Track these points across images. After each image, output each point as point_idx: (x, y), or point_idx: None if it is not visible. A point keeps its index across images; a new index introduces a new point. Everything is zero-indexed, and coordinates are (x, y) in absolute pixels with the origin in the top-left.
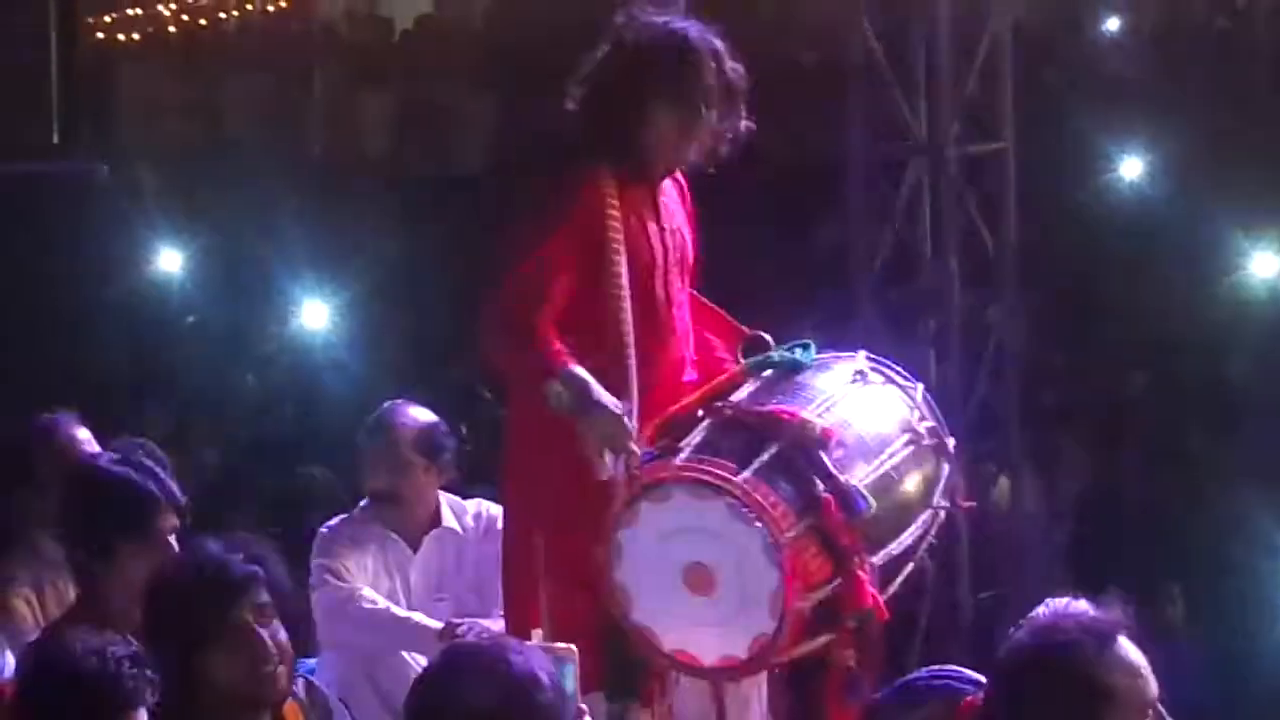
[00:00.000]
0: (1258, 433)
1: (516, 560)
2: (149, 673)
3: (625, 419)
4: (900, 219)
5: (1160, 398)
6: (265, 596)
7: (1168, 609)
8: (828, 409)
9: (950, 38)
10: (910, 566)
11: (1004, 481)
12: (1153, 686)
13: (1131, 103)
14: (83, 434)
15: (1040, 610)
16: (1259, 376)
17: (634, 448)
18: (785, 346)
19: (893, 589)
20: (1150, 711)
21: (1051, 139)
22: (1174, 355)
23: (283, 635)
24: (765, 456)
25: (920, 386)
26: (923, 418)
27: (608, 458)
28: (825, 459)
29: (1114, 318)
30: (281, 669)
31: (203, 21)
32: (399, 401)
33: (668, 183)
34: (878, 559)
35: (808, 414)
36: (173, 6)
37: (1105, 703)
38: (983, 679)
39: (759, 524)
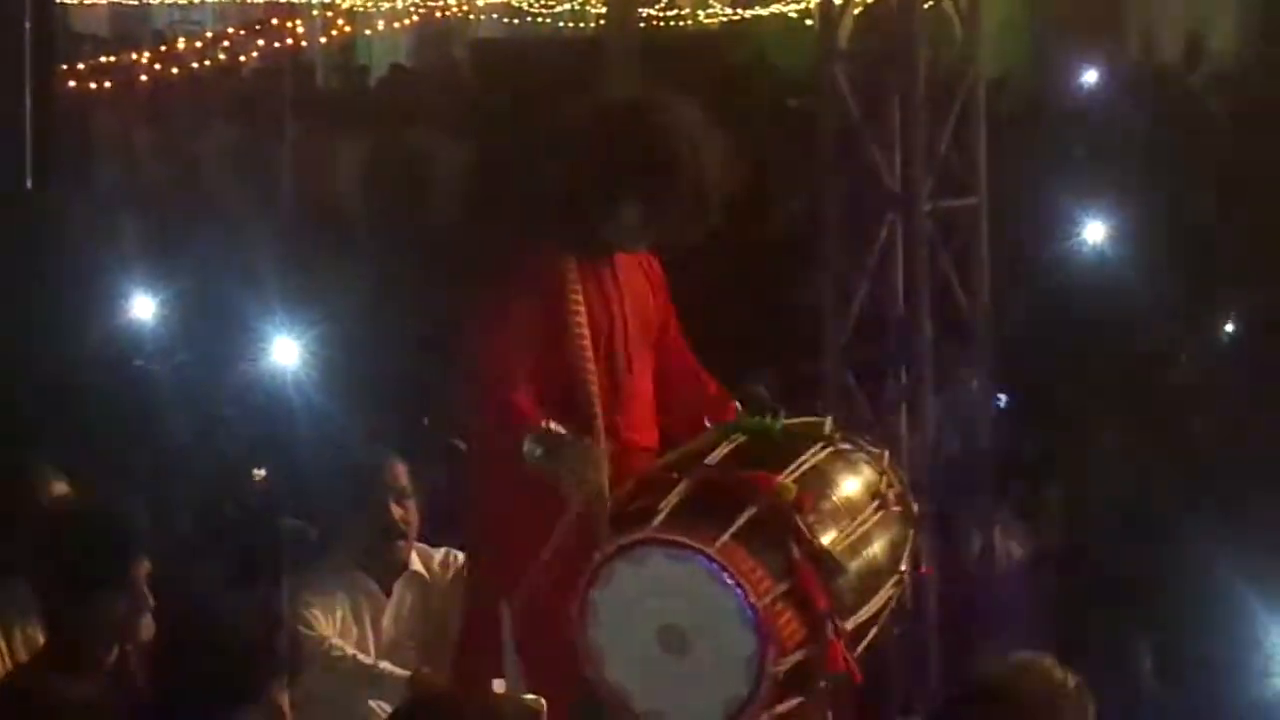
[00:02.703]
0: (1228, 491)
1: (478, 626)
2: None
3: (598, 455)
4: (872, 273)
5: (1131, 455)
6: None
7: (1137, 666)
8: (802, 474)
9: (926, 91)
10: (874, 631)
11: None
12: None
13: (1103, 162)
14: (59, 488)
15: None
16: (1227, 436)
17: (604, 484)
18: (756, 413)
19: (857, 652)
20: None
21: (1022, 195)
22: (1144, 412)
23: None
24: (742, 520)
25: (886, 453)
26: (890, 484)
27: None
28: (800, 523)
29: (1086, 374)
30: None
31: (175, 70)
32: (374, 447)
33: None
34: (849, 624)
35: (782, 478)
36: (146, 55)
37: None
38: None
39: (736, 589)
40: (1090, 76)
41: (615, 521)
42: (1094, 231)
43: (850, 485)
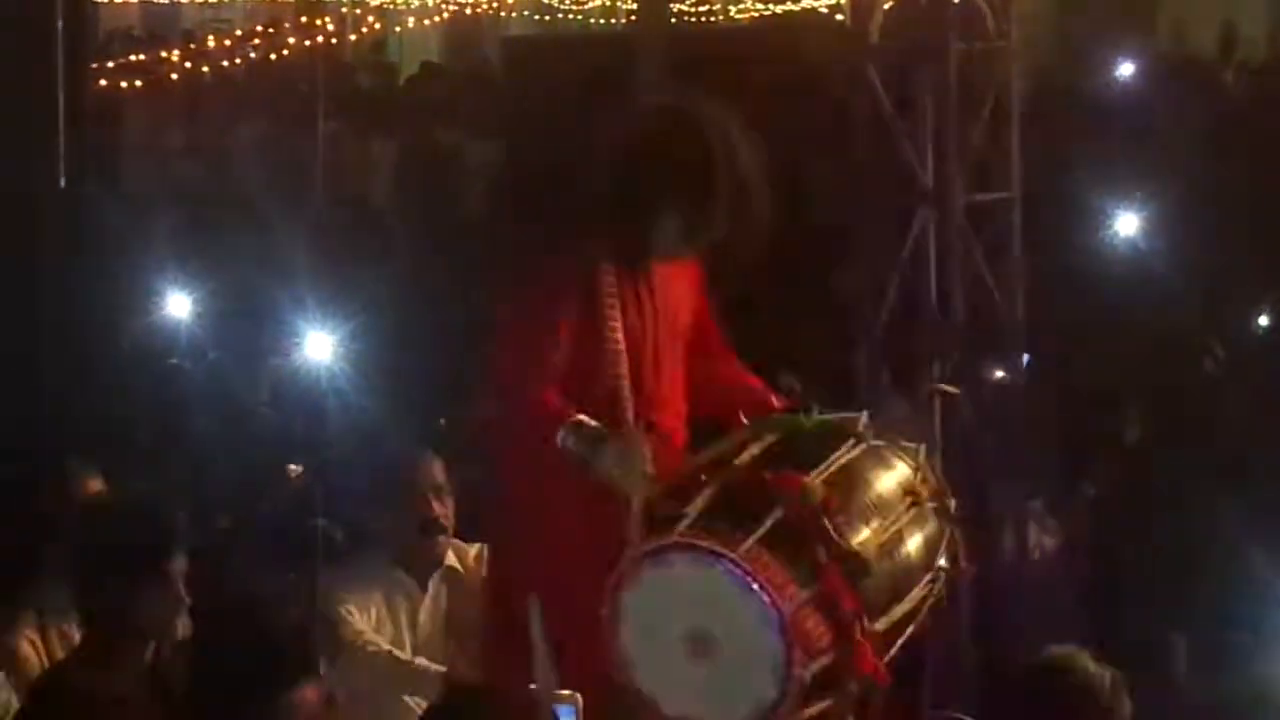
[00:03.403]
0: (1261, 481)
1: (508, 624)
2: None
3: (643, 445)
4: (906, 268)
5: (1162, 446)
6: None
7: (1172, 658)
8: (830, 472)
9: (959, 85)
10: (911, 629)
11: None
12: None
13: (1138, 154)
14: (95, 485)
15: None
16: (1261, 427)
17: (650, 470)
18: (790, 410)
19: (893, 652)
20: None
21: (1057, 189)
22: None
23: None
24: (768, 523)
25: (923, 447)
26: (924, 479)
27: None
28: (827, 524)
29: (1116, 366)
30: None
31: (205, 68)
32: (411, 444)
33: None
34: (880, 625)
35: (809, 479)
36: (176, 53)
37: None
38: None
39: (762, 594)
40: (1125, 68)
41: (645, 525)
42: (1127, 224)
43: (882, 483)
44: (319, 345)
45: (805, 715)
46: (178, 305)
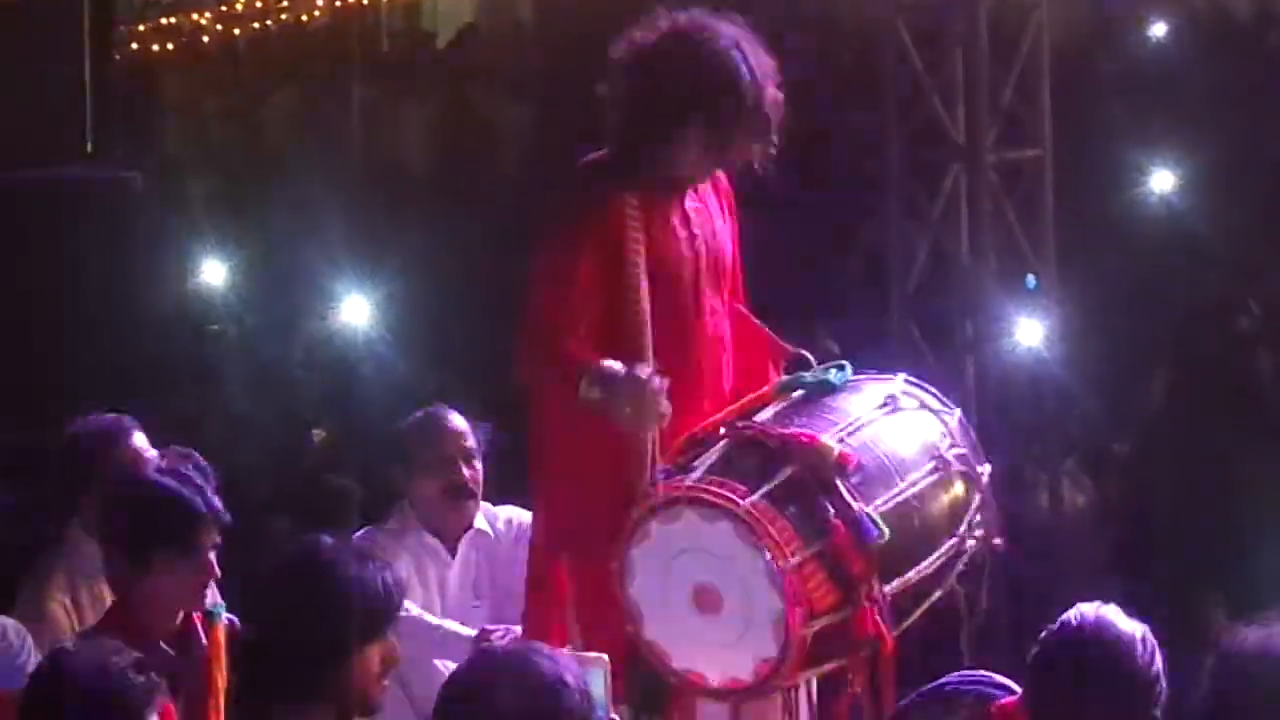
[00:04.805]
0: None
1: (541, 582)
2: (153, 678)
3: (654, 385)
4: (937, 226)
5: (1195, 405)
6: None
7: (1210, 616)
8: (852, 433)
9: (989, 42)
10: (938, 594)
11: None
12: None
13: (1171, 112)
14: (140, 439)
15: (1071, 615)
16: None
17: (665, 410)
18: (822, 367)
19: (914, 617)
20: None
21: (1089, 146)
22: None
23: None
24: (778, 480)
25: (957, 412)
26: (953, 445)
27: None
28: (840, 484)
29: (1150, 323)
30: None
31: (237, 31)
32: (442, 407)
33: (705, 187)
34: (891, 587)
35: (827, 438)
36: (208, 16)
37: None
38: (1013, 684)
39: (762, 549)
40: (1158, 28)
41: (661, 476)
42: (1162, 181)
43: (906, 444)
44: (353, 310)
45: (811, 674)
46: (213, 272)
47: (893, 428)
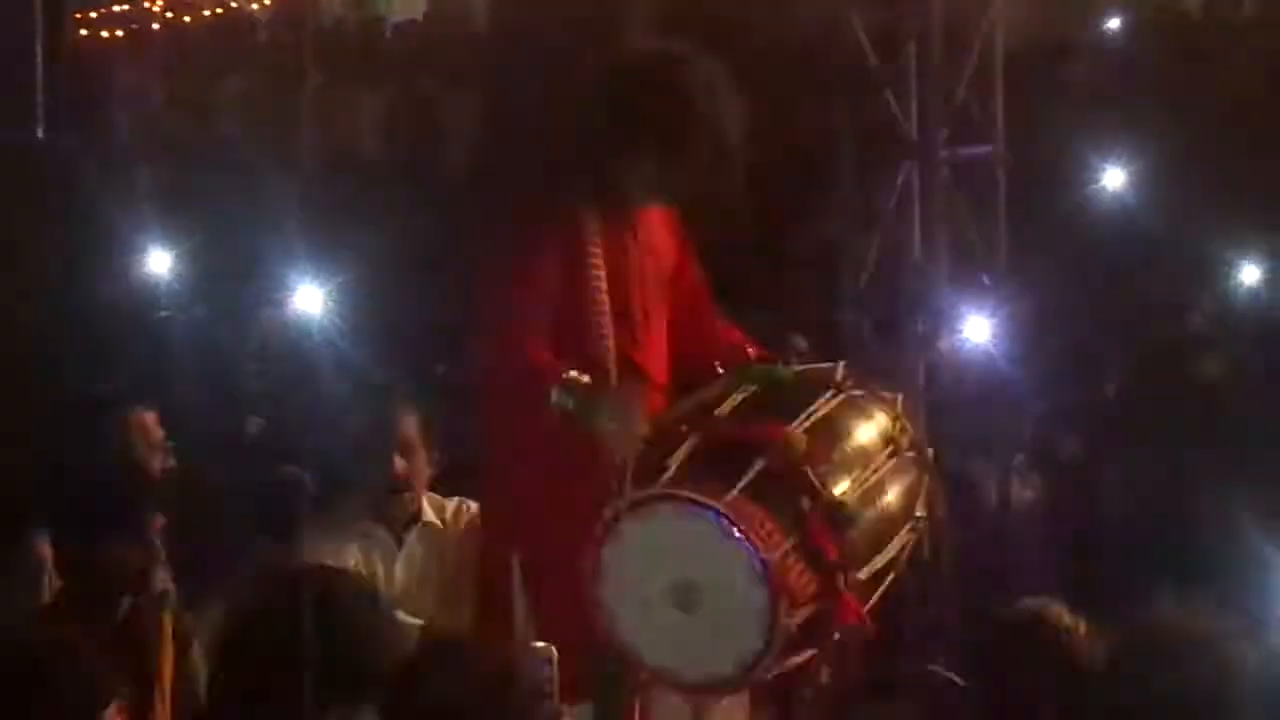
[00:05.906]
0: (1246, 437)
1: (490, 574)
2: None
3: (638, 400)
4: (889, 221)
5: (1148, 400)
6: None
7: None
8: (810, 423)
9: (943, 37)
10: (891, 578)
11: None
12: None
13: (1124, 111)
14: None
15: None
16: (1242, 382)
17: (645, 427)
18: (764, 364)
19: (873, 601)
20: None
21: (1042, 144)
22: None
23: None
24: (751, 474)
25: (900, 397)
26: (903, 429)
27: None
28: (810, 474)
29: (1101, 321)
30: None
31: (187, 19)
32: (380, 398)
33: (655, 206)
34: (863, 574)
35: (791, 429)
36: (159, 3)
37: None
38: (957, 679)
39: (747, 544)
40: (1113, 25)
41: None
42: (1114, 179)
43: (862, 433)
44: (304, 299)
45: (790, 664)
46: (160, 260)
47: (847, 416)
